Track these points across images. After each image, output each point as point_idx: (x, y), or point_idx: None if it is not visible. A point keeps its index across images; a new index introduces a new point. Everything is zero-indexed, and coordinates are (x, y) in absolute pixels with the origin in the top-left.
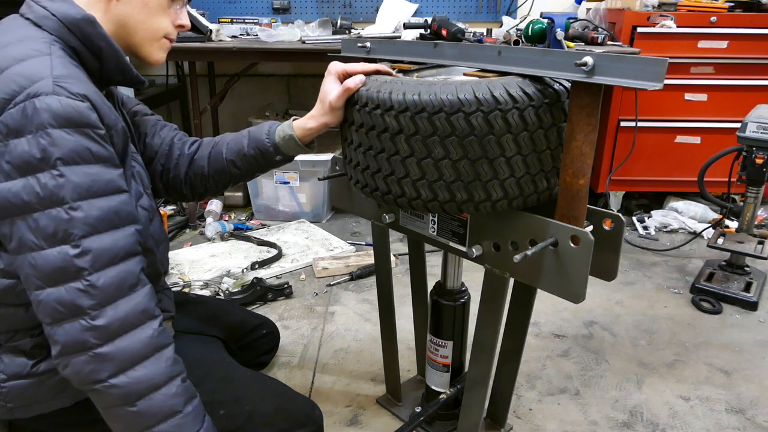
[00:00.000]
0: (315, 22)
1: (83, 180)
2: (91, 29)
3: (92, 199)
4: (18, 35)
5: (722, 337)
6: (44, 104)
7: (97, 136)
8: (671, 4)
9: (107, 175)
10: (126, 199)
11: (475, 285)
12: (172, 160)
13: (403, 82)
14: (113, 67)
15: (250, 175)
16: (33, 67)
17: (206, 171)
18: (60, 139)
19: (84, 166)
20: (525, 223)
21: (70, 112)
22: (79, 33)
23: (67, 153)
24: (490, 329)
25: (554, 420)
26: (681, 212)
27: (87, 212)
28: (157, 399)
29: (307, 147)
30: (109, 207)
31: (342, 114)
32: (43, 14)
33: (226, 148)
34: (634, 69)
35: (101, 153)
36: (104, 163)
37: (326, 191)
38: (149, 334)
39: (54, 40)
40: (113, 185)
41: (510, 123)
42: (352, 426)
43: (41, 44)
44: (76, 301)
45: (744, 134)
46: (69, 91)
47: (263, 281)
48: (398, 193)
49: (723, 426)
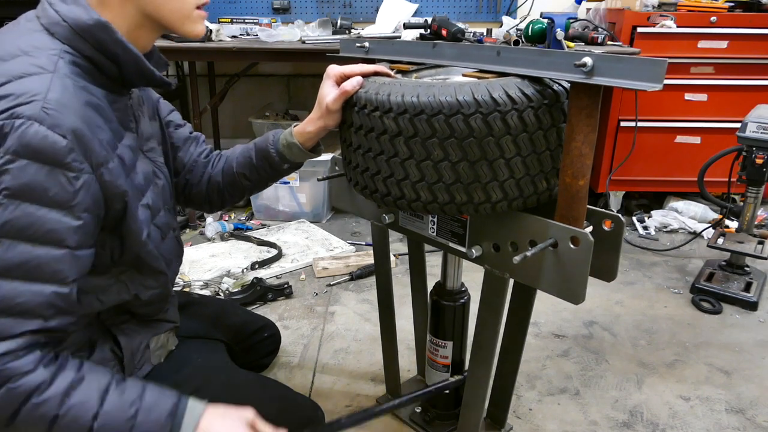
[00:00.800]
0: (315, 22)
1: (21, 219)
2: (104, 35)
3: (18, 242)
4: (28, 43)
5: (722, 337)
6: (20, 130)
7: (64, 178)
8: (671, 4)
9: (53, 225)
10: (61, 256)
11: (475, 285)
12: (196, 177)
13: (402, 83)
14: (133, 71)
15: (262, 184)
16: (29, 86)
17: (221, 185)
18: (18, 170)
19: (31, 205)
20: (524, 224)
21: (43, 145)
22: (93, 40)
23: (18, 186)
24: (490, 329)
25: (554, 420)
26: (681, 212)
27: (2, 252)
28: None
29: (312, 151)
30: (33, 257)
31: (339, 116)
32: (55, 20)
33: (236, 162)
34: (634, 70)
35: (59, 197)
36: (58, 209)
37: (326, 191)
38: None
39: (64, 51)
40: (53, 236)
41: (509, 124)
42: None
43: (47, 59)
44: None
45: (744, 134)
46: (54, 121)
47: (263, 281)
48: (398, 195)
49: (723, 426)
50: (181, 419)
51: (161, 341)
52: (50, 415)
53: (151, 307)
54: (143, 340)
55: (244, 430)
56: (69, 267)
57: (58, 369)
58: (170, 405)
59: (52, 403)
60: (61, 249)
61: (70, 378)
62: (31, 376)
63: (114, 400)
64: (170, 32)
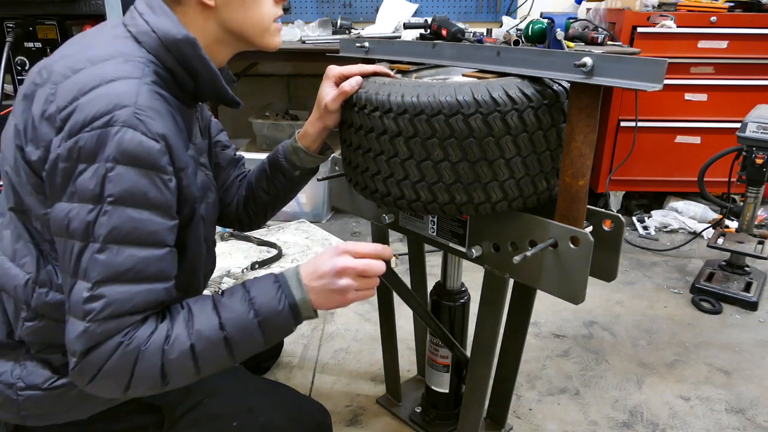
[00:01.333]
0: (315, 22)
1: (125, 224)
2: (190, 51)
3: (125, 246)
4: (116, 49)
5: (722, 337)
6: (117, 137)
7: (160, 181)
8: (671, 4)
9: (154, 226)
10: (164, 255)
11: (475, 285)
12: (229, 197)
13: (402, 84)
14: (209, 88)
15: (281, 197)
16: (119, 91)
17: (246, 203)
18: (118, 176)
19: (133, 209)
20: (524, 224)
21: (139, 151)
22: (178, 54)
23: (120, 192)
24: (490, 329)
25: (554, 420)
26: (681, 212)
27: (112, 258)
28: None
29: (320, 154)
30: (141, 258)
31: (339, 116)
32: (145, 30)
33: (254, 177)
34: (634, 70)
35: (157, 200)
36: (157, 211)
37: (326, 191)
38: None
39: (150, 61)
40: (155, 237)
41: (509, 124)
42: (352, 426)
43: (134, 66)
44: (72, 343)
45: (744, 134)
46: (147, 126)
47: None
48: (398, 195)
49: (723, 426)
50: (286, 283)
51: None
52: (186, 348)
53: None
54: None
55: (339, 256)
56: (171, 264)
57: (170, 316)
58: (270, 280)
59: (182, 339)
60: (163, 249)
61: (182, 315)
62: (156, 333)
63: (226, 307)
64: (249, 47)
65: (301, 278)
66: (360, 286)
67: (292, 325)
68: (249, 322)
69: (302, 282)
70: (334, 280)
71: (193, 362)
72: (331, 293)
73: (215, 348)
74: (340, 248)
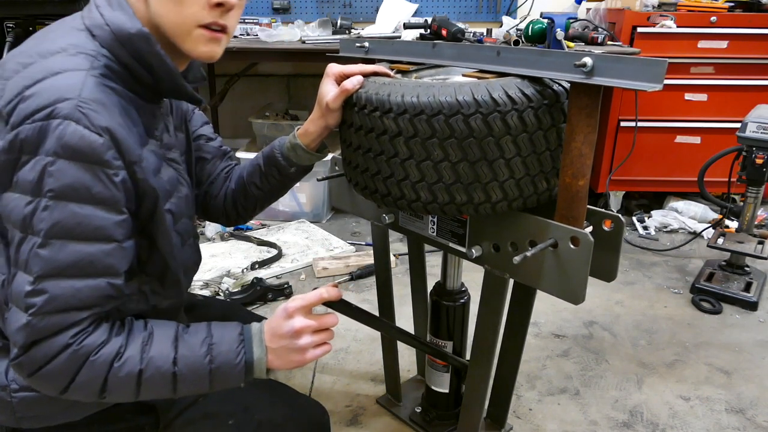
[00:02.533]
0: (315, 22)
1: (68, 219)
2: (144, 46)
3: (69, 242)
4: (67, 42)
5: (722, 337)
6: (58, 130)
7: (104, 175)
8: (671, 4)
9: (98, 221)
10: (111, 250)
11: (475, 285)
12: (216, 190)
13: (402, 84)
14: (167, 84)
15: (273, 193)
16: (63, 83)
17: (234, 196)
18: (60, 171)
19: (76, 205)
20: (524, 224)
21: (81, 145)
22: (131, 49)
23: (62, 187)
24: (490, 329)
25: (554, 420)
26: (681, 212)
27: (54, 254)
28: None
29: (318, 153)
30: (86, 254)
31: (340, 115)
32: (99, 23)
33: (246, 171)
34: (634, 70)
35: (102, 194)
36: (102, 206)
37: (326, 191)
38: None
39: (101, 54)
40: (101, 232)
41: (509, 124)
42: (352, 426)
43: (84, 58)
44: (14, 335)
45: (744, 134)
46: (90, 120)
47: (263, 281)
48: (398, 195)
49: (723, 426)
50: (250, 339)
51: None
52: (135, 372)
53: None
54: None
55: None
56: (119, 260)
57: (129, 332)
58: (236, 331)
59: (133, 361)
60: (110, 244)
61: (141, 336)
62: (108, 345)
63: (186, 343)
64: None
65: (264, 337)
66: (318, 340)
67: (241, 381)
68: (202, 367)
69: (263, 341)
70: (293, 341)
71: (136, 386)
72: (291, 353)
73: (162, 380)
74: (290, 309)
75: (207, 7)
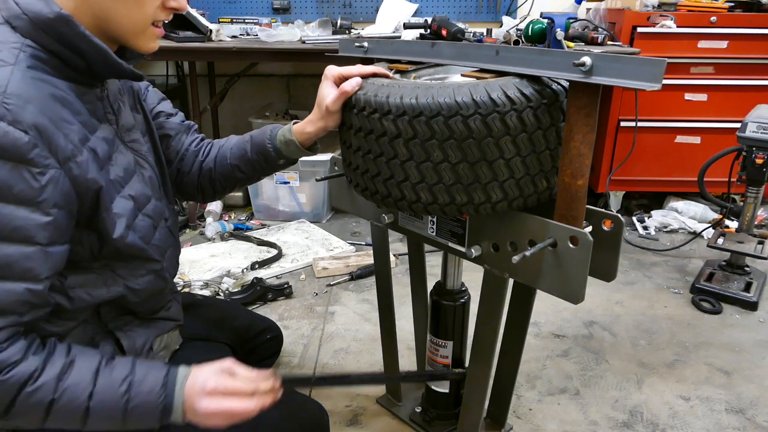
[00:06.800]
0: (315, 22)
1: None
2: (67, 29)
3: None
4: None
5: (722, 337)
6: None
7: (29, 174)
8: (671, 4)
9: (19, 222)
10: (31, 253)
11: (475, 285)
12: (187, 166)
13: (401, 85)
14: (102, 65)
15: (255, 178)
16: None
17: (213, 175)
18: None
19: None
20: (524, 224)
21: (4, 142)
22: (55, 34)
23: None
24: (489, 329)
25: (554, 420)
26: (681, 212)
27: None
28: None
29: (309, 150)
30: (3, 255)
31: (339, 117)
32: (16, 13)
33: (230, 153)
34: (633, 69)
35: (24, 194)
36: (25, 205)
37: (326, 191)
38: None
39: (26, 45)
40: (21, 233)
41: (508, 125)
42: (352, 426)
43: (8, 52)
44: None
45: (744, 134)
46: (14, 116)
47: (263, 281)
48: (398, 196)
49: (723, 426)
50: (173, 384)
51: (165, 342)
52: (46, 401)
53: (150, 303)
54: (146, 342)
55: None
56: (40, 264)
57: (48, 355)
58: (161, 375)
59: (46, 389)
60: (31, 246)
61: (61, 362)
62: (23, 365)
63: (106, 378)
64: (122, 44)
65: (184, 393)
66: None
67: (155, 424)
68: (117, 405)
69: (183, 398)
70: (204, 416)
71: (44, 415)
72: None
73: (73, 412)
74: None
75: (162, 7)
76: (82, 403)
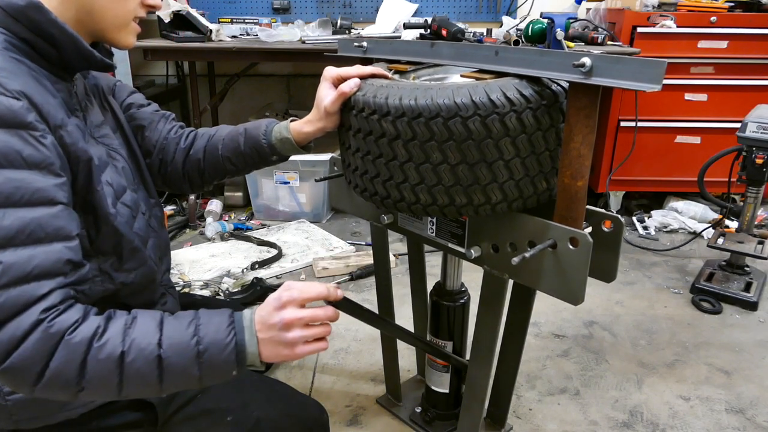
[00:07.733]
0: (315, 22)
1: (5, 186)
2: (38, 16)
3: (11, 208)
4: None
5: (722, 337)
6: None
7: (32, 138)
8: (671, 4)
9: (37, 183)
10: (57, 212)
11: (475, 285)
12: (169, 155)
13: (400, 86)
14: (73, 53)
15: (245, 170)
16: None
17: (202, 165)
18: None
19: (9, 170)
20: (523, 225)
21: (1, 110)
22: (26, 21)
23: None
24: (489, 330)
25: (554, 420)
26: (681, 212)
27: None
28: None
29: (303, 149)
30: (31, 219)
31: (338, 118)
32: None
33: (222, 144)
34: (633, 70)
35: (34, 157)
36: (36, 169)
37: (326, 191)
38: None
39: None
40: (42, 195)
41: (508, 126)
42: (352, 426)
43: None
44: None
45: (744, 134)
46: (4, 86)
47: (263, 281)
48: (397, 197)
49: (723, 426)
50: (240, 318)
51: None
52: (116, 354)
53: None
54: None
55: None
56: (69, 222)
57: (109, 316)
58: (226, 314)
59: (114, 342)
60: (55, 206)
61: (123, 319)
62: (85, 324)
63: (171, 324)
64: (100, 39)
65: (254, 325)
66: (310, 335)
67: (233, 367)
68: (189, 348)
69: (254, 330)
70: (281, 334)
71: (119, 374)
72: (279, 346)
73: (146, 365)
74: (284, 298)
75: (141, 4)
76: (152, 351)
